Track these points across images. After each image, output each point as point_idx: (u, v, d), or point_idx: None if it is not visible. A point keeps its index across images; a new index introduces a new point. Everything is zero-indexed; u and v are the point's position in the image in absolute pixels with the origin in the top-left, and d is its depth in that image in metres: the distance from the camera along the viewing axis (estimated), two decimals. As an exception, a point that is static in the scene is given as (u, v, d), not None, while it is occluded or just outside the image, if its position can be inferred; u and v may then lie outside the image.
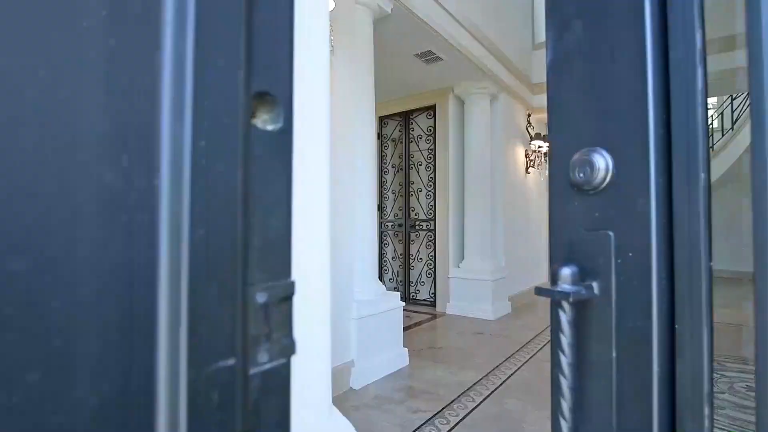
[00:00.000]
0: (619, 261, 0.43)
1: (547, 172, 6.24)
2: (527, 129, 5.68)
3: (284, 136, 0.30)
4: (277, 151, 0.30)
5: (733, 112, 7.93)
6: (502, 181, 5.05)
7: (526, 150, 5.64)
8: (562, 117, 0.49)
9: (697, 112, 0.40)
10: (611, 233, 0.44)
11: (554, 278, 0.46)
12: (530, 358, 3.21)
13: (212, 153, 0.24)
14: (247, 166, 0.27)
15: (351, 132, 2.77)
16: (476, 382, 2.70)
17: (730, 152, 7.42)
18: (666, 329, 0.41)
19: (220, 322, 0.25)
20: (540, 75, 5.85)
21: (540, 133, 5.61)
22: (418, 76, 4.52)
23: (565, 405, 0.45)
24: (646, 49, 0.42)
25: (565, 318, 0.45)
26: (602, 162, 0.44)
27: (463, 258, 4.92)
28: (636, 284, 0.42)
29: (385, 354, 2.88)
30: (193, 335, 0.24)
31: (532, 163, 5.67)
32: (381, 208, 5.58)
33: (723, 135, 8.00)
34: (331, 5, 2.13)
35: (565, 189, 0.48)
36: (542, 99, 5.80)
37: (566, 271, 0.45)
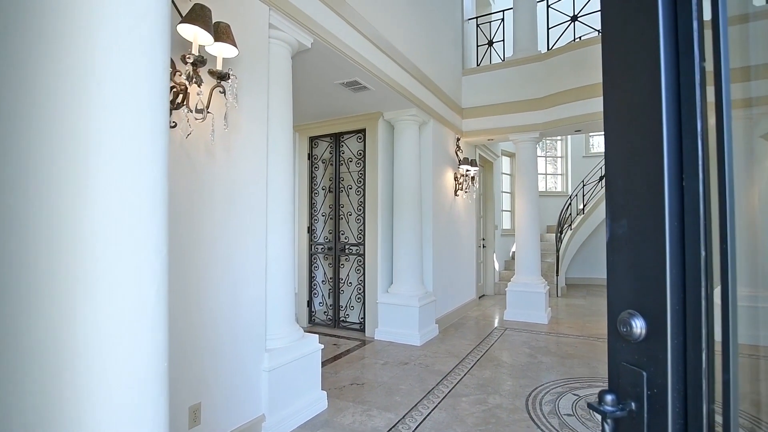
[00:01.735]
0: (649, 393, 0.60)
1: (474, 194, 6.47)
2: (456, 153, 5.85)
3: None
4: None
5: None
6: (431, 205, 5.14)
7: (455, 173, 5.80)
8: (614, 282, 0.67)
9: (701, 297, 0.56)
10: (644, 373, 0.61)
11: (600, 399, 0.65)
12: (448, 392, 3.28)
13: None
14: None
15: (263, 166, 2.64)
16: (391, 428, 2.69)
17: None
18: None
19: None
20: (469, 100, 6.06)
21: (468, 158, 5.80)
22: (346, 102, 4.47)
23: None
24: (666, 247, 0.59)
25: (608, 428, 0.65)
26: (638, 324, 0.62)
27: (392, 282, 4.95)
28: (659, 409, 0.59)
29: (301, 401, 2.79)
30: None
31: (460, 186, 5.84)
32: (311, 231, 5.46)
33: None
34: (234, 53, 2.01)
35: (616, 334, 0.66)
36: (471, 123, 6.01)
37: (608, 397, 0.65)
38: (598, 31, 5.52)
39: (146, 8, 0.77)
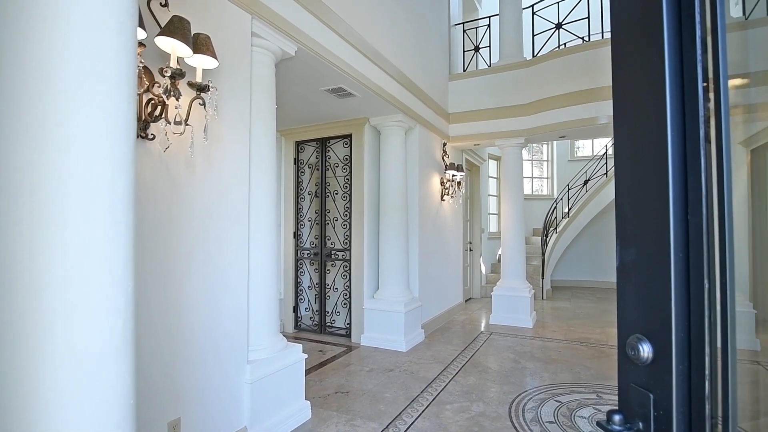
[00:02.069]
0: (655, 414, 0.63)
1: (461, 199, 6.49)
2: (443, 158, 5.87)
3: None
4: None
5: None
6: (417, 210, 5.15)
7: (441, 178, 5.82)
8: (624, 306, 0.71)
9: (704, 325, 0.59)
10: (651, 395, 0.64)
11: (608, 419, 0.68)
12: (432, 400, 3.29)
13: None
14: None
15: (245, 175, 2.61)
16: (375, 438, 2.69)
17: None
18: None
19: None
20: (456, 105, 6.09)
21: (454, 163, 5.82)
22: (332, 108, 4.46)
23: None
24: (671, 277, 0.62)
25: None
26: (645, 348, 0.65)
27: (378, 288, 4.95)
28: (665, 430, 0.62)
29: (284, 412, 2.77)
30: None
31: (447, 191, 5.86)
32: (297, 236, 5.43)
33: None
34: (214, 64, 1.98)
35: (625, 356, 0.69)
36: (457, 128, 6.04)
37: (617, 417, 0.68)
38: (582, 38, 5.60)
39: (106, 47, 0.75)
